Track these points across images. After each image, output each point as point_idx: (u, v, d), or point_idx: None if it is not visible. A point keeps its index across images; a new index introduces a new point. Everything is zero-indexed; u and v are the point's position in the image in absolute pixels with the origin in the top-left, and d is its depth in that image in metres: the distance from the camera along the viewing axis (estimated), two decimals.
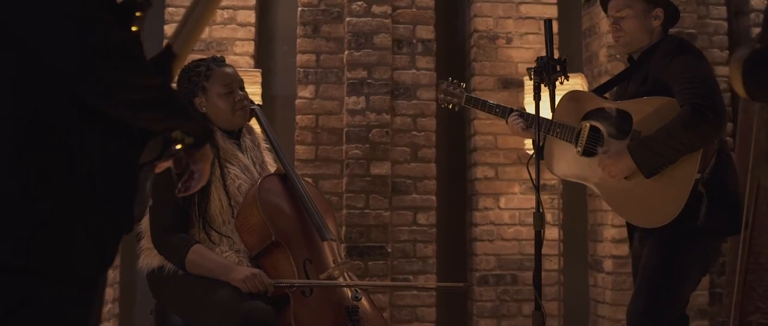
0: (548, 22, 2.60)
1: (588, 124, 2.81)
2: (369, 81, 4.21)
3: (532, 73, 2.55)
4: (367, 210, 4.16)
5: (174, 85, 1.81)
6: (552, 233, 4.43)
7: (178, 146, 1.46)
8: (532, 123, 2.86)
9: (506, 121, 3.00)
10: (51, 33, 1.26)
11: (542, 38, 4.49)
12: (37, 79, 1.29)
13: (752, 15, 4.58)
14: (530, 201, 4.43)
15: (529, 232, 4.42)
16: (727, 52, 4.54)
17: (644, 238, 2.75)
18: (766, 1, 4.58)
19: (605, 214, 4.42)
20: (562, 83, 2.59)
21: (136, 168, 1.41)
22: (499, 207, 4.41)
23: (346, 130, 4.22)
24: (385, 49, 4.23)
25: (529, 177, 4.43)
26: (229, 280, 2.57)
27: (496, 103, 3.09)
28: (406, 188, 4.28)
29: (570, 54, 4.68)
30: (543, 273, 4.48)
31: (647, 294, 2.60)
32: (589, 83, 4.44)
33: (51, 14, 1.26)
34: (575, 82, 3.87)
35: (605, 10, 2.88)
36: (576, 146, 2.82)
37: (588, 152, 2.80)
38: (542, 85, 2.58)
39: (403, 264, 4.25)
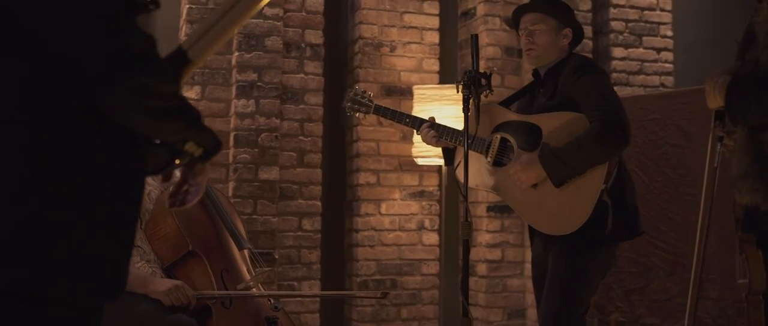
0: (475, 37, 2.67)
1: (498, 136, 2.92)
2: (259, 84, 4.12)
3: (461, 86, 2.61)
4: (254, 216, 4.07)
5: None
6: (430, 238, 4.55)
7: (186, 158, 1.37)
8: (443, 134, 2.95)
9: (416, 131, 3.06)
10: (76, 34, 1.14)
11: (424, 48, 4.66)
12: (51, 82, 1.16)
13: (611, 35, 4.92)
14: (410, 207, 4.52)
15: (408, 238, 4.51)
16: None
17: (548, 244, 2.89)
18: (657, 26, 4.95)
19: (480, 220, 4.59)
20: (486, 96, 2.68)
21: (143, 182, 1.31)
22: (380, 213, 4.46)
23: (234, 133, 4.10)
24: (276, 52, 4.16)
25: (409, 184, 4.57)
26: (148, 293, 2.45)
27: (407, 113, 3.13)
28: (292, 193, 4.23)
29: (448, 65, 4.84)
30: (420, 278, 4.65)
31: (561, 297, 2.75)
32: None
33: (80, 15, 1.14)
34: (451, 93, 3.97)
35: (516, 24, 2.99)
36: (486, 157, 2.92)
37: (498, 163, 2.91)
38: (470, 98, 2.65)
39: (288, 271, 4.19)
